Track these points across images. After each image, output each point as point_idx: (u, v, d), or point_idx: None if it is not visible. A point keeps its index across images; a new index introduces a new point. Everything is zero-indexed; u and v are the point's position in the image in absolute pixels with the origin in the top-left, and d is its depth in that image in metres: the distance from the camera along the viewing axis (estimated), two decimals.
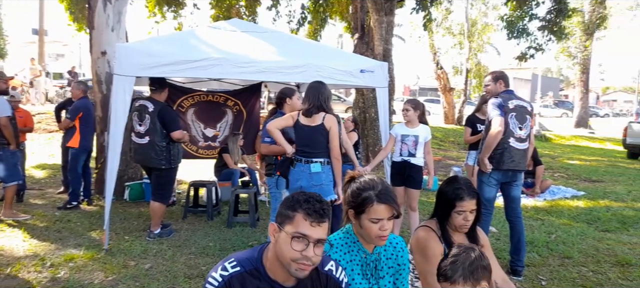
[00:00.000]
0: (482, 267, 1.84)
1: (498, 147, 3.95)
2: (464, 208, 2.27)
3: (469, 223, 2.30)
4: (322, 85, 3.94)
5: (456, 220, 2.29)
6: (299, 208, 1.62)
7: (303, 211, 1.61)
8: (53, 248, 4.43)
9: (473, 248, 1.91)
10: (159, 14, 12.60)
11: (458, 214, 2.28)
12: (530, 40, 11.63)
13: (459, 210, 2.27)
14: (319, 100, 3.83)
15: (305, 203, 1.62)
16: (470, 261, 1.84)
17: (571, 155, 14.51)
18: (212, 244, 4.73)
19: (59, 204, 6.08)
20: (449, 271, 1.85)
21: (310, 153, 3.84)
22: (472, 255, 1.87)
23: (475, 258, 1.86)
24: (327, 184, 3.86)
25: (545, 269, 4.23)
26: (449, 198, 2.31)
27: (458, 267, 1.84)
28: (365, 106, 10.76)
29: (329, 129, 3.80)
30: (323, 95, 3.86)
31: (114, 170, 4.42)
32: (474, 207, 2.29)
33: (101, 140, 6.56)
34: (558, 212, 6.43)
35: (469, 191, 2.29)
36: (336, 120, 3.86)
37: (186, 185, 6.55)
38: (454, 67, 27.83)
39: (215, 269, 1.69)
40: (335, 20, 14.58)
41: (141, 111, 4.75)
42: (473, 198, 2.28)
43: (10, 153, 5.29)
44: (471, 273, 1.82)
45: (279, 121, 3.98)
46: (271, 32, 6.00)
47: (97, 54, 6.48)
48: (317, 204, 1.63)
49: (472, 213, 2.29)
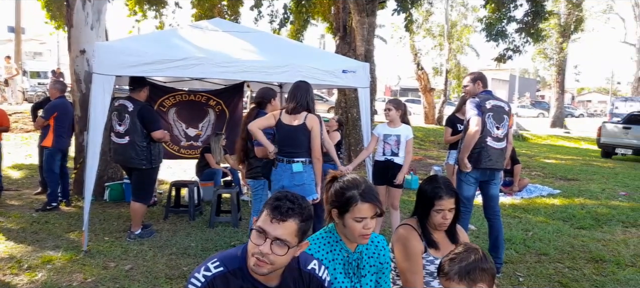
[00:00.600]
0: (480, 268, 1.85)
1: (476, 147, 4.03)
2: (442, 207, 2.31)
3: (447, 221, 2.34)
4: (309, 85, 3.96)
5: (435, 219, 2.33)
6: (267, 205, 1.64)
7: (268, 207, 1.63)
8: (30, 250, 4.34)
9: (476, 249, 1.92)
10: (140, 12, 12.43)
11: (437, 213, 2.32)
12: (508, 42, 11.85)
13: (438, 209, 2.32)
14: (306, 100, 3.86)
15: (275, 201, 1.63)
16: (469, 261, 1.86)
17: (547, 154, 14.83)
18: (194, 244, 4.71)
19: (36, 205, 5.96)
20: (447, 266, 1.88)
21: (292, 153, 3.85)
22: (473, 256, 1.88)
23: (475, 260, 1.86)
24: (309, 184, 3.88)
25: (522, 266, 4.33)
26: (428, 197, 2.35)
27: (455, 264, 1.86)
28: (348, 106, 10.81)
29: (311, 128, 3.82)
30: (310, 95, 3.89)
31: (94, 170, 4.36)
32: (452, 206, 2.33)
33: (80, 139, 6.45)
34: (535, 210, 6.58)
35: (448, 190, 2.34)
36: (318, 120, 3.88)
37: (167, 185, 6.49)
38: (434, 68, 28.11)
39: (198, 270, 1.68)
40: (318, 20, 14.60)
41: (121, 111, 4.70)
42: (452, 197, 2.33)
43: None
44: (467, 273, 1.84)
45: (260, 121, 3.98)
46: (253, 31, 5.99)
47: (76, 53, 6.37)
48: (286, 203, 1.62)
49: (450, 211, 2.34)
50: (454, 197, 2.34)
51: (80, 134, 6.39)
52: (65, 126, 6.03)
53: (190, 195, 5.79)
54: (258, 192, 4.46)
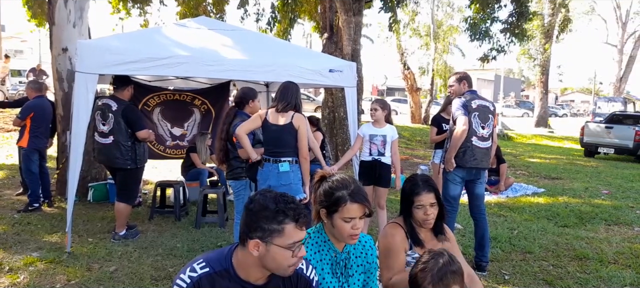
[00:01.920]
0: (451, 271, 1.89)
1: (461, 146, 4.06)
2: (421, 202, 2.34)
3: (429, 217, 2.35)
4: (292, 85, 3.96)
5: (417, 215, 2.36)
6: (286, 219, 1.60)
7: (292, 221, 1.60)
8: (12, 252, 4.25)
9: (442, 253, 1.95)
10: (124, 10, 12.25)
11: (418, 209, 2.35)
12: (493, 42, 11.98)
13: (418, 205, 2.34)
14: (295, 101, 3.86)
15: (291, 212, 1.61)
16: (439, 267, 1.89)
17: (532, 153, 15.02)
18: (180, 245, 4.66)
19: (18, 206, 5.84)
20: (419, 278, 1.90)
21: (278, 153, 3.83)
22: (441, 261, 1.91)
23: (443, 264, 1.90)
24: (296, 183, 3.86)
25: (508, 264, 4.38)
26: (406, 195, 2.39)
27: (427, 274, 1.88)
28: (334, 105, 10.80)
29: (298, 128, 3.80)
30: (292, 94, 3.89)
31: (77, 171, 4.28)
32: (432, 201, 2.35)
33: (63, 139, 6.34)
34: (520, 209, 6.66)
35: (425, 185, 2.36)
36: (305, 120, 3.87)
37: (152, 185, 6.41)
38: (421, 68, 28.32)
39: (184, 271, 1.66)
40: (304, 19, 14.57)
41: (104, 110, 4.63)
42: (430, 192, 2.35)
43: None
44: (440, 279, 1.87)
45: (247, 124, 3.94)
46: (239, 30, 5.95)
47: (58, 51, 6.25)
48: (300, 208, 1.64)
49: (432, 207, 2.35)
50: (433, 192, 2.36)
51: (63, 134, 6.28)
52: (42, 126, 5.92)
53: (175, 195, 5.73)
54: (240, 193, 4.41)
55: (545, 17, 24.13)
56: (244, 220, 1.64)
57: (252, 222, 1.61)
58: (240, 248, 1.67)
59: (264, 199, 1.63)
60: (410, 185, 2.39)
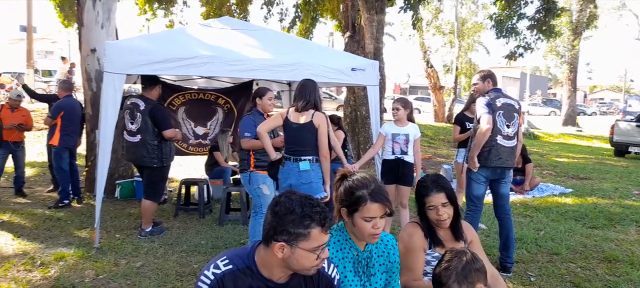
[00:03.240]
0: (475, 269, 1.88)
1: (486, 145, 4.00)
2: (432, 203, 2.32)
3: (442, 217, 2.32)
4: (312, 83, 3.95)
5: (431, 216, 2.34)
6: (312, 224, 1.61)
7: (318, 225, 1.62)
8: (43, 247, 4.40)
9: (465, 251, 1.94)
10: (150, 11, 12.51)
11: (430, 210, 2.33)
12: (519, 39, 11.75)
13: (429, 206, 2.33)
14: (313, 98, 3.85)
15: (317, 216, 1.62)
16: (463, 265, 1.87)
17: (559, 152, 14.68)
18: (204, 242, 4.73)
19: (48, 203, 6.04)
20: (443, 277, 1.89)
21: (299, 151, 3.85)
22: (464, 259, 1.90)
23: (467, 262, 1.89)
24: (317, 182, 3.86)
25: (533, 265, 4.29)
26: (418, 196, 2.38)
27: (451, 273, 1.87)
28: (356, 104, 10.78)
29: (318, 126, 3.81)
30: (317, 93, 3.89)
31: (105, 168, 4.40)
32: (443, 201, 2.32)
33: (91, 138, 6.52)
34: (546, 209, 6.52)
35: (435, 185, 2.33)
36: (325, 119, 3.87)
37: (177, 183, 6.53)
38: (444, 66, 27.99)
39: (208, 267, 1.69)
40: (326, 18, 14.57)
41: (133, 109, 4.73)
42: (440, 192, 2.32)
43: None
44: (465, 277, 1.85)
45: (269, 122, 3.99)
46: (262, 30, 6.00)
47: (87, 52, 6.43)
48: (326, 212, 1.65)
49: (444, 207, 2.32)
50: (444, 192, 2.33)
51: (92, 132, 6.45)
52: (71, 125, 6.10)
53: (200, 193, 5.82)
54: (247, 187, 4.42)
55: (573, 13, 23.52)
56: (269, 222, 1.65)
57: (278, 225, 1.62)
58: (264, 247, 1.68)
59: (290, 202, 1.63)
60: (420, 187, 2.39)
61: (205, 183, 6.00)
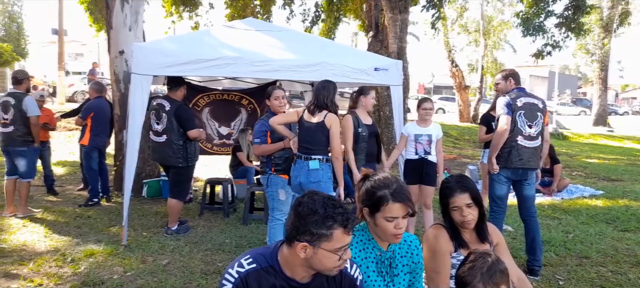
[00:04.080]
0: (499, 271, 1.86)
1: (506, 146, 3.96)
2: (456, 204, 2.27)
3: (467, 218, 2.27)
4: (328, 84, 3.96)
5: (454, 217, 2.30)
6: (335, 224, 1.61)
7: (341, 226, 1.62)
8: (73, 243, 4.53)
9: (489, 253, 1.92)
10: (176, 13, 12.76)
11: (454, 211, 2.29)
12: (547, 37, 11.48)
13: (453, 207, 2.28)
14: (325, 100, 3.88)
15: (340, 217, 1.62)
16: (488, 266, 1.85)
17: (589, 153, 14.28)
18: (228, 241, 4.79)
19: (79, 201, 6.21)
20: (468, 277, 1.86)
21: (310, 150, 3.88)
22: (489, 260, 1.88)
23: (492, 263, 1.87)
24: (325, 182, 3.86)
25: (562, 269, 4.19)
26: (442, 197, 2.34)
27: (476, 273, 1.85)
28: (380, 104, 10.74)
29: (330, 126, 3.81)
30: (326, 94, 3.89)
31: (132, 168, 4.50)
32: (468, 201, 2.27)
33: (120, 137, 6.67)
34: (576, 211, 6.35)
35: (458, 186, 2.29)
36: (337, 120, 3.85)
37: (203, 182, 6.63)
38: (470, 65, 27.58)
39: (232, 265, 1.71)
40: (349, 18, 14.57)
41: (159, 110, 4.82)
42: (464, 193, 2.27)
43: (33, 150, 5.49)
44: (490, 277, 1.84)
45: (281, 117, 4.12)
46: (285, 30, 6.03)
47: (115, 54, 6.59)
48: (348, 213, 1.65)
49: (468, 207, 2.27)
50: (468, 192, 2.28)
51: (120, 132, 6.60)
52: (101, 125, 6.26)
53: (224, 192, 5.89)
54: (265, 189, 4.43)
55: (604, 10, 22.84)
56: (292, 222, 1.66)
57: (300, 225, 1.63)
58: (287, 247, 1.69)
59: (313, 203, 1.64)
60: (443, 188, 2.35)
61: (229, 182, 6.07)
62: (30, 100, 5.43)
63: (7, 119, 5.33)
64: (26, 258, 4.08)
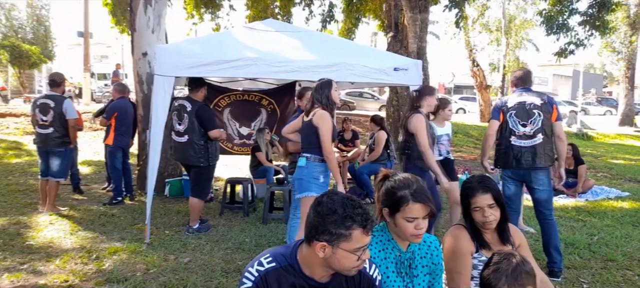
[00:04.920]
0: (525, 272, 1.84)
1: (501, 147, 4.03)
2: (478, 204, 2.25)
3: (489, 219, 2.25)
4: (323, 83, 3.87)
5: (476, 218, 2.28)
6: (354, 225, 1.62)
7: (360, 226, 1.62)
8: (98, 241, 4.64)
9: (513, 254, 1.90)
10: (197, 15, 12.93)
11: (475, 211, 2.27)
12: (571, 35, 11.24)
13: (475, 207, 2.27)
14: (320, 97, 3.81)
15: (359, 217, 1.63)
16: (513, 267, 1.83)
17: (615, 154, 13.91)
18: (248, 240, 4.84)
19: (103, 199, 6.36)
20: (493, 279, 1.85)
21: (304, 149, 3.92)
22: (514, 261, 1.86)
23: (517, 264, 1.85)
24: (307, 180, 3.78)
25: (586, 272, 4.11)
26: (463, 198, 2.32)
27: (501, 275, 1.83)
28: (399, 104, 10.68)
29: (317, 125, 3.76)
30: (319, 92, 3.82)
31: (155, 167, 4.59)
32: (490, 202, 2.25)
33: (143, 137, 6.79)
34: (601, 213, 6.21)
35: (480, 186, 2.27)
36: (326, 117, 3.75)
37: (223, 182, 6.70)
38: (491, 64, 27.18)
39: (252, 264, 1.73)
40: (369, 18, 14.51)
41: (180, 110, 4.90)
42: (486, 193, 2.25)
43: (69, 151, 5.70)
44: (515, 279, 1.81)
45: (289, 126, 4.27)
46: (305, 31, 6.06)
47: (139, 55, 6.72)
48: (367, 213, 1.65)
49: (491, 208, 2.25)
50: (490, 193, 2.26)
51: (143, 132, 6.73)
52: (124, 125, 6.40)
53: (244, 192, 5.95)
54: None
55: (631, 7, 22.23)
56: (311, 222, 1.67)
57: (319, 224, 1.64)
58: (306, 246, 1.70)
59: (332, 203, 1.65)
60: (465, 188, 2.33)
61: (249, 182, 6.12)
62: (69, 103, 5.61)
63: (46, 120, 5.49)
64: (53, 255, 4.20)
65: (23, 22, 33.68)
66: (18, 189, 6.87)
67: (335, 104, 3.88)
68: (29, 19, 33.70)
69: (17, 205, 5.95)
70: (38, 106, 5.55)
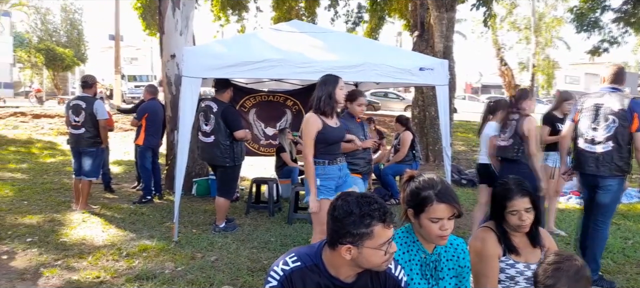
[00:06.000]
0: (586, 277, 1.80)
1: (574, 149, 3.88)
2: (515, 207, 2.21)
3: (525, 222, 2.22)
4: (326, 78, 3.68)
5: (511, 221, 2.24)
6: (373, 221, 1.62)
7: (379, 221, 1.62)
8: (128, 238, 4.76)
9: (575, 257, 1.86)
10: (224, 17, 13.12)
11: (512, 214, 2.22)
12: (604, 33, 10.91)
13: (512, 210, 2.22)
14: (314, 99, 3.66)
15: (377, 213, 1.63)
16: (575, 270, 1.79)
17: None
18: (274, 239, 4.88)
19: (133, 198, 6.52)
20: (551, 279, 1.80)
21: None
22: (577, 263, 1.82)
23: (580, 268, 1.81)
24: (306, 185, 3.64)
25: (621, 277, 3.98)
26: (499, 199, 2.27)
27: (562, 275, 1.78)
28: (425, 105, 10.57)
29: (301, 129, 3.69)
30: (321, 88, 3.65)
31: (183, 167, 4.67)
32: (527, 205, 2.21)
33: (171, 138, 6.93)
34: (635, 217, 6.01)
35: (519, 189, 2.23)
36: (307, 121, 3.61)
37: (249, 181, 6.77)
38: (520, 63, 26.62)
39: (277, 263, 1.74)
40: (394, 18, 14.42)
41: (207, 111, 4.99)
42: (524, 196, 2.21)
43: (101, 151, 5.87)
44: (576, 282, 1.77)
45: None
46: (330, 32, 6.08)
47: (167, 57, 6.86)
48: (384, 207, 1.66)
49: (527, 212, 2.21)
50: (529, 196, 2.22)
51: (171, 133, 6.87)
52: (155, 126, 6.54)
53: (269, 192, 6.00)
54: None
55: None
56: (331, 227, 1.67)
57: (339, 228, 1.64)
58: (330, 249, 1.70)
59: (347, 204, 1.65)
60: (502, 190, 2.28)
61: (274, 182, 6.17)
62: (100, 104, 5.79)
63: (78, 121, 5.67)
64: (85, 252, 4.33)
65: (57, 26, 34.85)
66: (52, 188, 7.11)
67: (337, 102, 3.65)
68: (63, 23, 34.84)
69: (51, 203, 6.16)
70: (71, 107, 5.74)
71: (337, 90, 3.62)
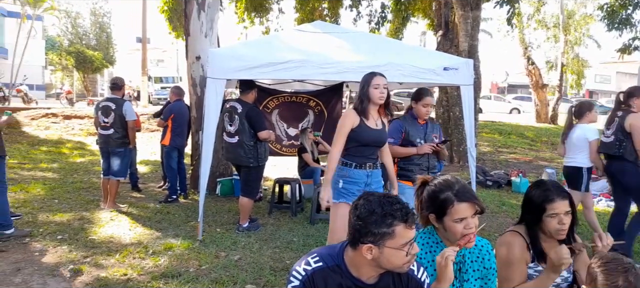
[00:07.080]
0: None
1: None
2: (556, 210, 2.12)
3: (565, 226, 2.13)
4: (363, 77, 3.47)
5: (550, 225, 2.14)
6: (395, 221, 1.62)
7: (401, 222, 1.62)
8: (154, 237, 4.86)
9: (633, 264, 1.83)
10: (248, 19, 13.25)
11: (551, 218, 2.13)
12: (636, 30, 10.55)
13: (552, 213, 2.12)
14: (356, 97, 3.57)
15: (399, 213, 1.62)
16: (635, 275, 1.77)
17: None
18: (296, 239, 4.90)
19: (159, 197, 6.65)
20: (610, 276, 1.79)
21: None
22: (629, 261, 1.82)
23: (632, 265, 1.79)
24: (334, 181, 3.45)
25: None
26: (537, 203, 2.17)
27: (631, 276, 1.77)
28: (449, 105, 10.44)
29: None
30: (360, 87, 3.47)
31: (207, 167, 4.74)
32: (567, 209, 2.13)
33: (196, 138, 7.04)
34: None
35: (559, 191, 2.14)
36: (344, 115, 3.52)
37: (272, 182, 6.82)
38: (548, 62, 25.98)
39: (299, 263, 1.75)
40: (418, 17, 14.29)
41: (231, 112, 5.05)
42: (565, 199, 2.13)
43: (129, 151, 6.01)
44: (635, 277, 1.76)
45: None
46: (353, 32, 6.06)
47: (192, 59, 6.97)
48: (406, 207, 1.65)
49: (567, 215, 2.13)
50: (568, 199, 2.14)
51: (196, 133, 6.98)
52: (181, 126, 6.66)
53: (292, 192, 6.03)
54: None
55: None
56: (352, 226, 1.67)
57: (361, 228, 1.64)
58: (352, 249, 1.71)
59: (369, 204, 1.65)
60: (540, 192, 2.17)
61: (297, 182, 6.20)
62: (129, 106, 5.93)
63: (108, 122, 5.82)
64: (113, 249, 4.44)
65: (87, 30, 35.82)
66: (82, 187, 7.31)
67: (371, 101, 3.37)
68: (92, 26, 35.80)
69: (81, 201, 6.33)
70: (100, 108, 5.89)
71: (371, 89, 3.35)
